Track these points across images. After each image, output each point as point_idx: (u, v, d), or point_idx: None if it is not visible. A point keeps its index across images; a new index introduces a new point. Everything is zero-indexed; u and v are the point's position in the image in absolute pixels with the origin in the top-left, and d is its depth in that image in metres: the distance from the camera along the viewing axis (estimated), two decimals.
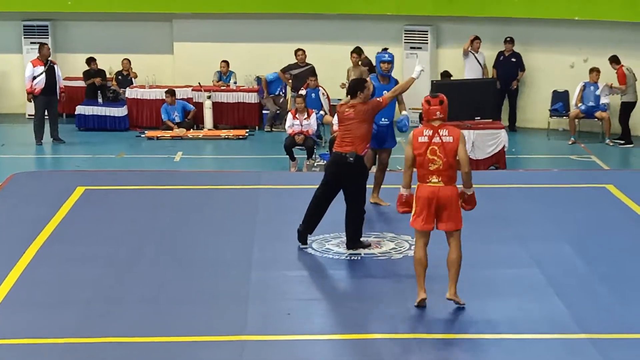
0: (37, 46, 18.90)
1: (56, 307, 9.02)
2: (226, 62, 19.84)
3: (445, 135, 8.77)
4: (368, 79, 11.06)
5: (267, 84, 19.52)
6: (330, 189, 10.34)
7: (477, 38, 18.98)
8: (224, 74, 19.89)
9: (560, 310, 8.87)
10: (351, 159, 10.10)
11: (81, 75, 20.16)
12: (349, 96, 10.37)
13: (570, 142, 18.06)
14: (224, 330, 8.51)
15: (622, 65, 18.07)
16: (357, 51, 18.81)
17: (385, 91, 11.09)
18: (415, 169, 8.91)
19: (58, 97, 18.33)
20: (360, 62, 18.60)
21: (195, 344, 8.28)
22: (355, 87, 10.30)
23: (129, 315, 8.84)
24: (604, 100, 18.14)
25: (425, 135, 8.80)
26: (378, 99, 10.58)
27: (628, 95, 18.14)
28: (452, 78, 18.43)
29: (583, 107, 18.15)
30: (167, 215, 11.40)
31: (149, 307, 9.02)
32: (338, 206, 12.21)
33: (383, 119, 11.38)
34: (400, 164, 11.21)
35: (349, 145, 10.15)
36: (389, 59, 11.54)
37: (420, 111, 10.18)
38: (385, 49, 11.82)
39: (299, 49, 19.21)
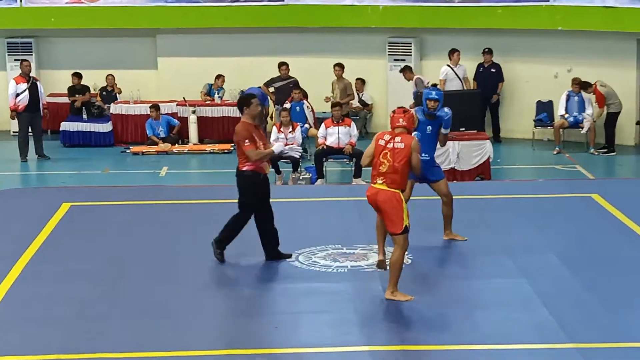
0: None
1: (43, 324, 8.97)
2: (222, 77, 19.78)
3: (398, 142, 9.28)
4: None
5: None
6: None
7: (455, 50, 18.95)
8: (216, 88, 19.85)
9: (548, 320, 8.87)
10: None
11: (65, 92, 20.13)
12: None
13: (555, 152, 18.12)
14: (211, 344, 8.48)
15: (595, 84, 18.08)
16: (341, 64, 18.89)
17: (429, 127, 10.83)
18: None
19: (42, 114, 18.29)
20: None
21: (182, 359, 8.25)
22: (240, 103, 10.47)
23: (115, 331, 8.80)
24: (588, 109, 18.20)
25: (384, 140, 9.35)
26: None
27: (613, 107, 18.19)
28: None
29: (571, 119, 18.20)
30: (153, 231, 11.37)
31: (136, 323, 8.99)
32: (324, 220, 12.22)
33: (423, 154, 10.40)
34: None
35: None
36: (436, 97, 10.84)
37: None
38: (434, 85, 11.20)
39: (282, 63, 19.22)
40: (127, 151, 18.87)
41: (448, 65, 18.98)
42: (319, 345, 8.46)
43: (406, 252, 9.43)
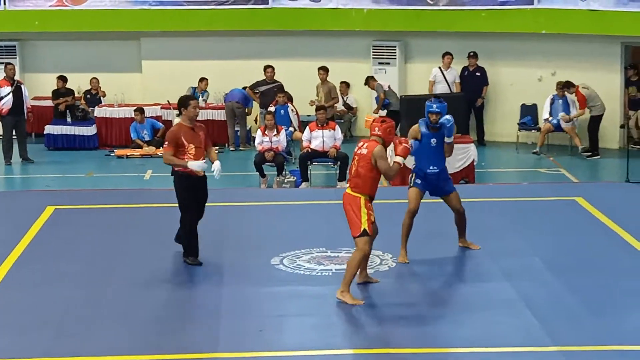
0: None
1: (27, 328, 8.94)
2: (206, 80, 19.78)
3: (363, 148, 9.40)
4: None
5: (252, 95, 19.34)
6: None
7: (447, 54, 19.03)
8: (200, 91, 19.83)
9: (532, 324, 8.89)
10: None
11: (50, 95, 20.07)
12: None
13: (533, 152, 18.15)
14: (196, 347, 8.47)
15: (578, 87, 18.15)
16: (325, 68, 18.92)
17: (434, 139, 10.56)
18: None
19: (26, 117, 18.22)
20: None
21: None
22: (179, 105, 10.66)
23: (100, 334, 8.78)
24: (572, 113, 18.23)
25: (357, 146, 9.50)
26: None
27: (595, 109, 18.26)
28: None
29: (555, 122, 18.24)
30: (138, 234, 11.35)
31: (120, 326, 8.96)
32: (309, 223, 12.22)
33: (431, 167, 10.58)
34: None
35: None
36: (437, 110, 10.46)
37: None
38: (436, 97, 10.82)
39: (268, 66, 19.22)
40: (112, 154, 18.82)
41: (439, 68, 19.03)
42: (304, 348, 8.45)
43: (365, 255, 9.44)
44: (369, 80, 18.88)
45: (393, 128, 9.52)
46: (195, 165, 10.36)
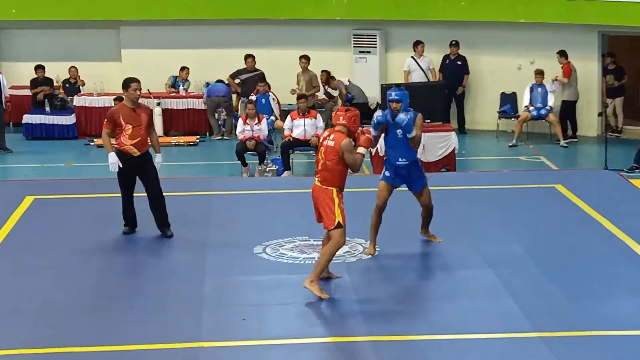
0: None
1: (6, 318, 8.90)
2: (187, 69, 19.72)
3: (330, 140, 9.24)
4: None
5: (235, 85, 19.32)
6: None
7: (419, 42, 19.06)
8: (180, 80, 19.77)
9: (513, 310, 8.94)
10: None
11: (28, 84, 19.95)
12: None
13: (510, 144, 18.19)
14: (178, 337, 8.46)
15: (569, 62, 18.29)
16: (307, 57, 18.91)
17: (399, 130, 10.20)
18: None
19: (4, 107, 18.12)
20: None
21: (149, 352, 8.23)
22: (122, 86, 10.98)
23: (79, 325, 8.75)
24: (551, 101, 18.32)
25: (322, 137, 9.37)
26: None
27: (569, 93, 18.39)
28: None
29: (535, 112, 18.30)
30: (118, 224, 11.32)
31: (100, 316, 8.94)
32: (291, 212, 12.23)
33: (400, 159, 10.31)
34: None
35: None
36: (397, 97, 10.17)
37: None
38: (397, 86, 10.53)
39: (248, 55, 19.20)
40: (91, 144, 18.75)
41: (412, 57, 19.09)
42: (287, 336, 8.47)
43: (340, 247, 9.33)
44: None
45: (358, 117, 9.34)
46: (110, 157, 10.84)
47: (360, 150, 9.27)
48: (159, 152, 11.28)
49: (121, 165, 10.84)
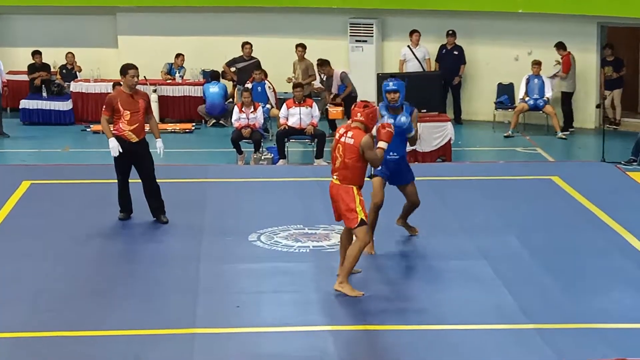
0: None
1: (3, 302, 8.92)
2: (182, 56, 19.69)
3: (349, 137, 9.00)
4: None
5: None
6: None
7: (415, 32, 19.02)
8: (176, 67, 19.74)
9: (507, 301, 8.96)
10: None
11: (25, 69, 19.92)
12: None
13: (505, 135, 18.20)
14: (174, 323, 8.48)
15: (569, 53, 18.27)
16: (303, 45, 18.86)
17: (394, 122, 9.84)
18: None
19: (1, 91, 18.09)
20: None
21: (145, 338, 8.24)
22: (120, 72, 10.99)
23: (77, 309, 8.77)
24: (548, 92, 18.32)
25: (339, 133, 9.13)
26: None
27: (568, 84, 18.39)
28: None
29: (531, 102, 18.30)
30: (114, 209, 11.32)
31: (97, 301, 8.95)
32: (286, 200, 12.23)
33: (391, 153, 9.96)
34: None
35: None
36: (394, 87, 9.96)
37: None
38: (393, 76, 10.32)
39: (246, 43, 19.17)
40: (88, 130, 18.74)
41: (408, 47, 19.07)
42: (281, 324, 8.48)
43: (366, 245, 9.18)
44: (325, 65, 18.15)
45: (376, 113, 9.17)
46: (111, 142, 10.85)
47: (381, 144, 9.07)
48: (159, 137, 11.26)
49: (121, 150, 10.82)
